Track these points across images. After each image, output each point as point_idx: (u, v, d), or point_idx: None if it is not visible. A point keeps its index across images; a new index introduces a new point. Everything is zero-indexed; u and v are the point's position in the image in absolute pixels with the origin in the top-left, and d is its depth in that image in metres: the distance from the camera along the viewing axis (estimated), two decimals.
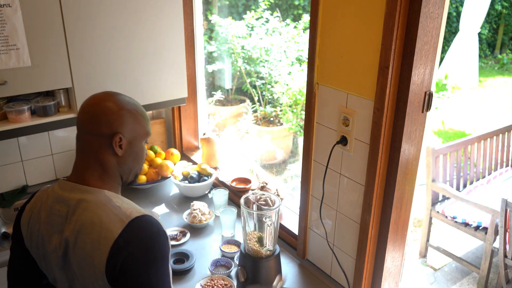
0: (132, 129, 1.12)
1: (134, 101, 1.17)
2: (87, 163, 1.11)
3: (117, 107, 1.11)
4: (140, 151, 1.17)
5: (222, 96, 4.77)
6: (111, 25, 1.88)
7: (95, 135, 1.09)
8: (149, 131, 1.18)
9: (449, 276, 3.18)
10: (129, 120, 1.12)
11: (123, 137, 1.10)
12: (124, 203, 1.09)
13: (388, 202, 1.41)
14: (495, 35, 8.60)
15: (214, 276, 1.65)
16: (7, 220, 2.06)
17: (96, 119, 1.09)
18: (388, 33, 1.22)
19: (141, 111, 1.16)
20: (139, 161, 1.18)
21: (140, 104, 1.19)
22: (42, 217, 1.12)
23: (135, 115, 1.13)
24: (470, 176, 3.46)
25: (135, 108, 1.15)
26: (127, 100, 1.15)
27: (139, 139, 1.15)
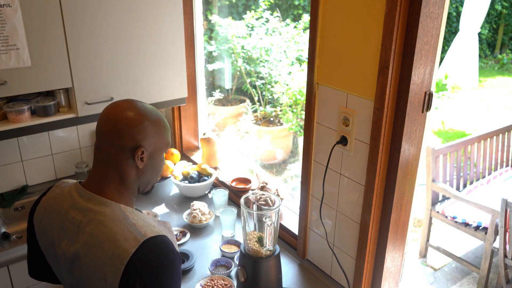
0: (154, 141, 1.09)
1: (156, 111, 1.13)
2: (106, 173, 1.08)
3: (140, 118, 1.07)
4: (160, 163, 1.15)
5: (221, 96, 4.77)
6: (111, 25, 1.88)
7: (117, 147, 1.06)
8: (169, 142, 1.15)
9: (449, 276, 3.18)
10: (152, 133, 1.08)
11: (145, 150, 1.08)
12: (140, 220, 1.06)
13: (388, 202, 1.41)
14: (495, 35, 8.61)
15: (214, 276, 1.65)
16: (7, 220, 2.06)
17: (119, 131, 1.06)
18: (388, 33, 1.22)
19: (163, 122, 1.13)
20: (158, 173, 1.16)
21: (161, 113, 1.16)
22: (56, 219, 1.10)
23: (158, 126, 1.10)
24: (470, 176, 3.46)
25: (158, 118, 1.11)
26: (149, 110, 1.10)
27: (160, 151, 1.13)
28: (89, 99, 1.91)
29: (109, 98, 1.95)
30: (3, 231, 2.03)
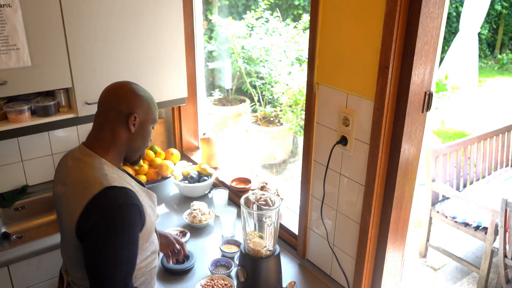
0: (145, 113, 1.31)
1: (148, 92, 1.37)
2: (101, 134, 1.29)
3: (136, 92, 1.31)
4: (148, 133, 1.35)
5: (220, 95, 4.77)
6: (111, 25, 1.88)
7: (115, 111, 1.27)
8: (156, 119, 1.37)
9: (449, 276, 3.18)
10: (144, 105, 1.31)
11: (137, 117, 1.28)
12: (114, 174, 1.25)
13: (388, 202, 1.41)
14: (495, 35, 8.61)
15: (214, 276, 1.65)
16: (7, 220, 2.06)
17: (119, 98, 1.28)
18: (388, 33, 1.22)
19: (153, 101, 1.35)
20: (146, 141, 1.36)
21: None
22: (59, 167, 1.34)
23: (148, 102, 1.33)
24: (470, 176, 3.46)
25: (150, 97, 1.35)
26: (143, 89, 1.35)
27: (149, 123, 1.33)
28: (89, 99, 1.91)
29: None
30: (3, 231, 2.03)
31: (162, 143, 2.60)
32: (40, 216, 2.14)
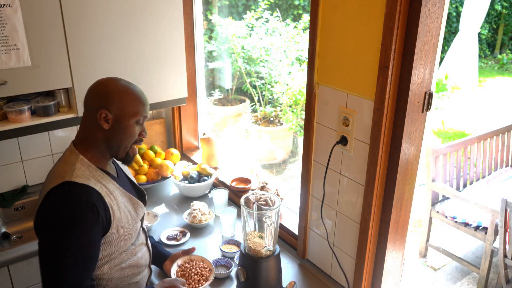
0: (119, 107, 1.23)
1: (132, 85, 1.29)
2: (81, 132, 1.29)
3: (108, 86, 1.25)
4: (128, 128, 1.26)
5: (220, 95, 4.77)
6: (111, 25, 1.88)
7: (87, 109, 1.26)
8: (140, 112, 1.27)
9: (449, 276, 3.18)
10: (116, 98, 1.23)
11: (108, 113, 1.23)
12: (85, 171, 1.22)
13: (388, 202, 1.41)
14: (495, 35, 8.61)
15: (193, 256, 1.62)
16: (7, 220, 2.06)
17: (89, 95, 1.27)
18: (388, 33, 1.22)
19: (133, 92, 1.26)
20: (127, 138, 1.27)
21: (140, 89, 1.30)
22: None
23: (125, 94, 1.24)
24: (470, 176, 3.46)
25: (127, 88, 1.26)
26: (122, 83, 1.27)
27: (127, 117, 1.25)
28: None
29: None
30: (3, 231, 2.03)
31: (162, 143, 2.60)
32: None
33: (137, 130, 1.30)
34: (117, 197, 1.28)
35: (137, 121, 1.28)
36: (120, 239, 1.28)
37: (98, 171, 1.27)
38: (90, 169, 1.24)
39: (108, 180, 1.28)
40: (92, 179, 1.22)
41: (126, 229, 1.30)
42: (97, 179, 1.24)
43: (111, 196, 1.25)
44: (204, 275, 1.56)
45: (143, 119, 1.30)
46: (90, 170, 1.24)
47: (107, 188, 1.25)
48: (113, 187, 1.29)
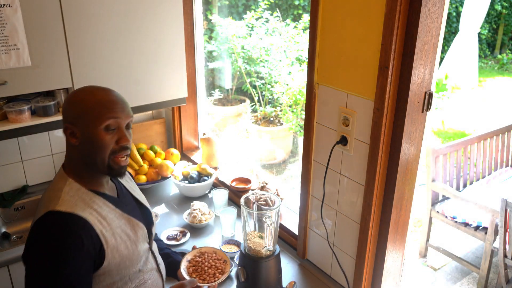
0: (83, 118, 1.12)
1: (97, 89, 1.16)
2: (66, 154, 1.21)
3: (71, 97, 1.15)
4: (97, 139, 1.12)
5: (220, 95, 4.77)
6: (111, 25, 1.88)
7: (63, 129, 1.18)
8: (105, 116, 1.12)
9: (449, 276, 3.18)
10: (77, 108, 1.13)
11: (73, 127, 1.13)
12: (73, 196, 1.13)
13: (388, 202, 1.41)
14: (495, 35, 8.61)
15: (203, 248, 1.46)
16: (7, 220, 2.06)
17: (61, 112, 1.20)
18: (388, 33, 1.22)
19: (94, 97, 1.13)
20: (99, 149, 1.14)
21: (109, 92, 1.16)
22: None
23: (85, 102, 1.12)
24: (470, 176, 3.46)
25: (88, 94, 1.14)
26: (86, 89, 1.16)
27: (92, 126, 1.12)
28: None
29: None
30: (3, 231, 2.03)
31: (162, 143, 2.60)
32: None
33: (109, 138, 1.14)
34: (111, 221, 1.16)
35: (106, 128, 1.12)
36: (120, 267, 1.17)
37: (90, 194, 1.16)
38: (79, 193, 1.14)
39: (101, 203, 1.17)
40: (81, 205, 1.12)
41: (126, 255, 1.18)
42: (87, 204, 1.13)
43: (104, 222, 1.14)
44: (219, 268, 1.39)
45: (114, 124, 1.13)
46: (79, 194, 1.14)
47: (99, 213, 1.14)
48: (108, 210, 1.17)
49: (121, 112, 1.15)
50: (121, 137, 1.16)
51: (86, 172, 1.18)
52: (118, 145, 1.15)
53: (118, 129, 1.15)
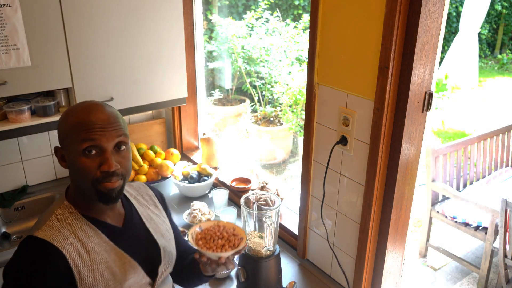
0: (65, 140, 1.04)
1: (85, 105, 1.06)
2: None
3: (61, 116, 1.07)
4: (76, 165, 1.02)
5: (220, 95, 4.77)
6: (111, 25, 1.88)
7: None
8: (81, 138, 1.00)
9: (449, 276, 3.18)
10: (61, 130, 1.05)
11: (62, 149, 1.06)
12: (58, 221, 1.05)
13: (388, 202, 1.41)
14: (495, 35, 8.61)
15: (222, 222, 1.27)
16: (7, 220, 2.06)
17: None
18: (388, 33, 1.22)
19: (76, 120, 1.02)
20: (80, 175, 1.03)
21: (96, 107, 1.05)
22: None
23: (67, 124, 1.03)
24: (470, 176, 3.46)
25: (71, 115, 1.04)
26: (75, 107, 1.06)
27: (72, 151, 1.02)
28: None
29: (109, 98, 1.95)
30: (3, 231, 2.03)
31: (162, 143, 2.60)
32: None
33: (90, 163, 1.01)
34: (95, 256, 1.04)
35: (84, 152, 1.00)
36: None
37: (82, 221, 1.06)
38: (69, 220, 1.05)
39: (92, 234, 1.06)
40: (64, 233, 1.02)
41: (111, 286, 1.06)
42: (73, 233, 1.03)
43: (85, 256, 1.02)
44: (231, 241, 1.21)
45: (94, 147, 1.01)
46: (69, 220, 1.05)
47: (84, 244, 1.03)
48: (97, 242, 1.06)
49: (100, 133, 1.01)
50: (103, 162, 1.02)
51: (83, 197, 1.08)
52: (102, 171, 1.02)
53: (102, 153, 1.02)
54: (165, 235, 1.25)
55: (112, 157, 1.03)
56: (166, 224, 1.28)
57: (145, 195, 1.30)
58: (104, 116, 1.04)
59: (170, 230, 1.30)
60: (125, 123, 1.10)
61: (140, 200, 1.27)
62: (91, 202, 1.09)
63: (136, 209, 1.22)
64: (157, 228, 1.23)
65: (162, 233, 1.24)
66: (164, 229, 1.26)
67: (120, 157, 1.05)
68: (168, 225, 1.30)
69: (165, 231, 1.26)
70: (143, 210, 1.24)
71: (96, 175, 1.02)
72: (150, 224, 1.22)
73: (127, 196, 1.24)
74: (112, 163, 1.02)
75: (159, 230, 1.23)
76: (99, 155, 1.02)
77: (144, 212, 1.24)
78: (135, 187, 1.31)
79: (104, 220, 1.11)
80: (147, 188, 1.33)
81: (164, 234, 1.24)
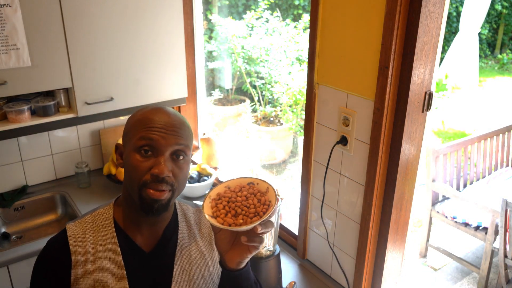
0: (126, 135, 1.00)
1: (153, 107, 1.01)
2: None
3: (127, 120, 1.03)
4: (128, 162, 0.97)
5: (220, 95, 4.77)
6: (111, 25, 1.88)
7: None
8: (138, 133, 0.96)
9: (449, 276, 3.18)
10: (126, 126, 1.01)
11: (122, 146, 1.02)
12: (91, 221, 1.03)
13: (388, 202, 1.41)
14: (495, 35, 8.61)
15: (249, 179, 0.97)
16: (7, 220, 2.06)
17: None
18: (388, 33, 1.22)
19: (141, 116, 0.98)
20: (130, 173, 0.96)
21: (162, 110, 0.99)
22: None
23: (131, 119, 1.00)
24: (470, 176, 3.46)
25: (138, 112, 1.00)
26: (147, 107, 1.02)
27: (129, 147, 0.97)
28: (89, 99, 1.91)
29: (109, 98, 1.95)
30: (3, 231, 2.03)
31: None
32: (40, 216, 2.14)
33: (142, 163, 0.94)
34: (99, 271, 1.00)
35: (140, 149, 0.94)
36: None
37: (110, 230, 1.01)
38: (101, 224, 1.02)
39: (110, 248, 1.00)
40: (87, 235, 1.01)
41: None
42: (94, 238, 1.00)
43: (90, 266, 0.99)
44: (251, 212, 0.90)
45: (150, 146, 0.94)
46: (100, 224, 1.02)
47: (97, 254, 1.00)
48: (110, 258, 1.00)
49: (160, 134, 0.94)
50: (156, 165, 0.94)
51: (128, 204, 1.02)
52: (153, 173, 0.93)
53: (157, 155, 0.95)
54: (195, 280, 1.06)
55: (166, 163, 0.95)
56: (209, 268, 1.09)
57: (205, 228, 1.11)
58: (169, 118, 0.97)
59: (213, 277, 1.09)
60: (191, 136, 1.01)
61: (193, 230, 1.09)
62: (132, 211, 1.01)
63: (177, 238, 1.06)
64: (188, 269, 1.06)
65: (193, 277, 1.05)
66: (199, 273, 1.07)
67: (176, 167, 0.97)
68: (213, 270, 1.09)
69: (200, 276, 1.06)
70: (187, 243, 1.07)
71: (144, 177, 0.94)
72: (182, 261, 1.05)
73: (178, 219, 1.09)
74: (164, 168, 0.93)
75: (189, 272, 1.06)
76: (153, 157, 0.95)
77: (187, 245, 1.07)
78: (202, 216, 1.12)
79: (134, 237, 1.02)
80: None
81: (193, 279, 1.05)
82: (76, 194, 2.16)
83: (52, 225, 2.13)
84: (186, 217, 1.10)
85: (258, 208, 0.91)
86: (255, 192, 0.94)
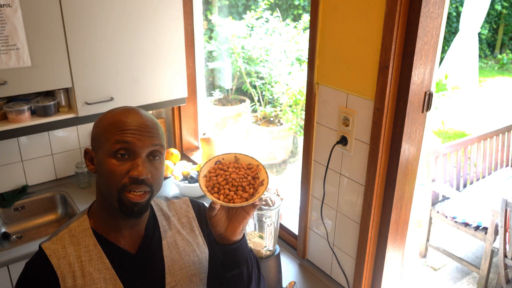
0: (97, 140, 0.98)
1: (123, 109, 1.00)
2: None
3: (98, 119, 1.02)
4: (104, 167, 0.95)
5: (220, 95, 4.77)
6: (111, 25, 1.88)
7: None
8: (113, 137, 0.94)
9: (449, 276, 3.18)
10: (94, 130, 1.00)
11: (92, 151, 1.00)
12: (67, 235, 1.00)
13: (388, 202, 1.41)
14: (495, 35, 8.61)
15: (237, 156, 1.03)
16: (7, 220, 2.06)
17: None
18: (388, 33, 1.22)
19: (112, 119, 0.96)
20: (106, 177, 0.95)
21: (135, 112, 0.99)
22: None
23: (101, 123, 0.98)
24: (470, 176, 3.46)
25: (108, 115, 0.99)
26: (115, 109, 1.01)
27: (102, 151, 0.96)
28: (89, 99, 1.91)
29: (109, 98, 1.95)
30: (3, 231, 2.03)
31: None
32: (40, 216, 2.14)
33: (119, 167, 0.93)
34: (90, 283, 0.98)
35: (116, 153, 0.93)
36: None
37: (91, 240, 1.00)
38: (79, 236, 1.00)
39: (96, 257, 0.99)
40: (68, 250, 0.98)
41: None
42: (77, 251, 0.98)
43: (79, 280, 0.97)
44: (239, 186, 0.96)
45: (126, 149, 0.94)
46: (79, 237, 1.00)
47: (84, 267, 0.98)
48: (98, 267, 0.99)
49: (135, 137, 0.94)
50: (134, 167, 0.94)
51: (104, 210, 1.01)
52: (130, 176, 0.93)
53: (134, 158, 0.94)
54: (187, 268, 1.08)
55: (144, 164, 0.95)
56: (197, 253, 1.11)
57: (183, 217, 1.15)
58: (142, 119, 0.98)
59: (202, 261, 1.11)
60: (163, 134, 1.03)
61: (173, 221, 1.12)
62: (111, 216, 1.00)
63: (160, 233, 1.08)
64: (178, 259, 1.08)
65: (184, 265, 1.08)
66: (189, 260, 1.09)
67: (153, 167, 0.97)
68: (201, 255, 1.12)
69: (190, 263, 1.09)
70: (170, 235, 1.09)
71: (123, 181, 0.94)
72: (170, 253, 1.07)
73: (156, 215, 1.11)
74: (143, 170, 0.94)
75: (179, 261, 1.08)
76: (130, 160, 0.94)
77: (171, 237, 1.09)
78: (176, 207, 1.16)
79: (117, 242, 1.02)
80: (189, 209, 1.17)
81: (185, 267, 1.08)
82: (76, 194, 2.16)
83: (52, 225, 2.13)
84: (163, 211, 1.13)
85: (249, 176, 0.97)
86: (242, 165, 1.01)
